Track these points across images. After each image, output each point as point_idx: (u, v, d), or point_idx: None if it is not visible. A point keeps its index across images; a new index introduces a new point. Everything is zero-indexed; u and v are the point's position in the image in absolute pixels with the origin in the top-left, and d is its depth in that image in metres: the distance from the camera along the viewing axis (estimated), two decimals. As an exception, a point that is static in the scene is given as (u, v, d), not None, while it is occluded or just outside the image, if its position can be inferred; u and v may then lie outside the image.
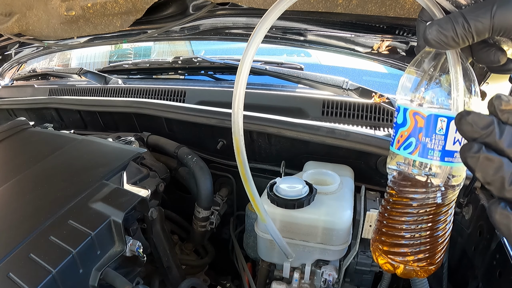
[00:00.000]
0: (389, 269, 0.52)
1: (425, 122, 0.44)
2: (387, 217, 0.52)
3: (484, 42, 0.42)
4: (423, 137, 0.44)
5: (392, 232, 0.50)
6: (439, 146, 0.44)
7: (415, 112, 0.45)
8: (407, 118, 0.46)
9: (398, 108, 0.48)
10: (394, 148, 0.48)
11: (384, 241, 0.51)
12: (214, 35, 1.19)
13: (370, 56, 1.08)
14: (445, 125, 0.43)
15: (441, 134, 0.43)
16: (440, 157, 0.44)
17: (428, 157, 0.45)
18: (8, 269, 0.54)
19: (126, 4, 0.96)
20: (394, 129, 0.49)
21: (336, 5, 0.77)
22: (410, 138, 0.46)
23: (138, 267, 0.74)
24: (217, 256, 1.25)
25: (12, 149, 0.96)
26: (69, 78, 1.87)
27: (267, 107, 1.18)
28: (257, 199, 0.62)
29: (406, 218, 0.49)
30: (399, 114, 0.48)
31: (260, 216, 0.64)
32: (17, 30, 1.18)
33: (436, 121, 0.43)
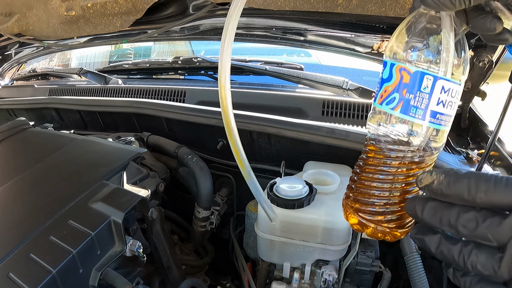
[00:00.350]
0: (358, 229, 0.51)
1: (411, 78, 0.43)
2: (361, 173, 0.51)
3: (481, 9, 0.42)
4: (407, 94, 0.44)
5: (364, 190, 0.49)
6: (422, 104, 0.43)
7: (401, 67, 0.44)
8: (393, 73, 0.45)
9: (385, 63, 0.47)
10: (377, 103, 0.48)
11: (356, 198, 0.50)
12: (214, 35, 1.19)
13: (370, 56, 1.08)
14: (431, 83, 0.43)
15: (426, 92, 0.43)
16: (422, 116, 0.43)
17: (409, 114, 0.44)
18: (8, 269, 0.54)
19: (126, 4, 0.96)
20: (379, 84, 0.48)
21: (336, 5, 0.77)
22: (394, 93, 0.45)
23: (138, 267, 0.74)
24: (217, 256, 1.25)
25: (12, 149, 0.96)
26: (69, 78, 1.87)
27: (267, 107, 1.18)
28: (241, 154, 0.63)
29: (379, 176, 0.48)
30: (385, 69, 0.47)
31: (243, 172, 0.64)
32: (17, 30, 1.18)
33: (422, 78, 0.43)
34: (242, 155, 0.62)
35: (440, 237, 0.37)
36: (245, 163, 0.63)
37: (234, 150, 0.61)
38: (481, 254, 0.34)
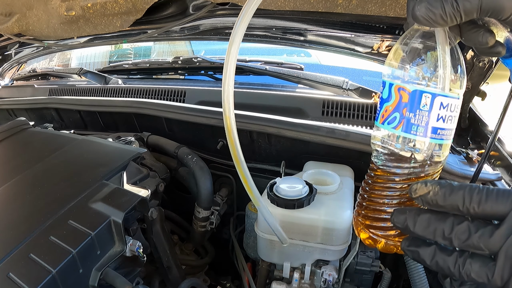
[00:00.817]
0: (371, 244, 0.52)
1: (410, 97, 0.45)
2: (370, 191, 0.52)
3: (473, 23, 0.42)
4: (407, 112, 0.45)
5: (374, 207, 0.50)
6: (422, 122, 0.44)
7: (400, 87, 0.45)
8: (392, 93, 0.46)
9: (384, 83, 0.48)
10: (379, 123, 0.49)
11: (366, 215, 0.51)
12: (214, 35, 1.19)
13: (370, 56, 1.08)
14: (429, 101, 0.44)
15: (425, 110, 0.44)
16: (423, 133, 0.45)
17: (411, 133, 0.45)
18: (8, 269, 0.54)
19: (126, 4, 0.96)
20: (379, 104, 0.49)
21: (336, 5, 0.77)
22: (395, 113, 0.46)
23: (138, 267, 0.74)
24: (217, 256, 1.25)
25: (12, 149, 0.96)
26: (69, 78, 1.87)
27: (267, 107, 1.18)
28: (249, 181, 0.63)
29: (388, 193, 0.50)
30: (384, 89, 0.48)
31: (251, 196, 0.64)
32: (17, 30, 1.18)
33: (420, 97, 0.44)
34: (252, 185, 0.63)
35: (435, 248, 0.38)
36: (255, 192, 0.64)
37: (244, 182, 0.61)
38: (475, 263, 0.35)
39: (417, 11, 0.39)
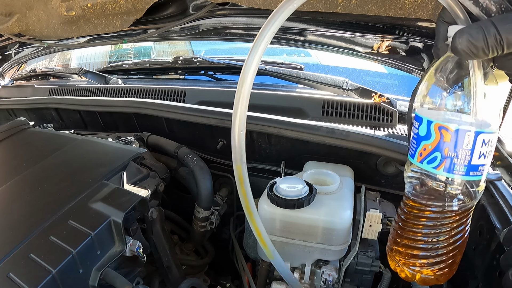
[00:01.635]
0: (407, 277, 0.52)
1: (452, 137, 0.43)
2: (403, 226, 0.51)
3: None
4: (449, 152, 0.43)
5: (409, 243, 0.50)
6: (465, 161, 0.43)
7: (441, 126, 0.43)
8: (431, 132, 0.44)
9: (419, 118, 0.46)
10: (416, 161, 0.47)
11: (401, 251, 0.51)
12: (214, 35, 1.19)
13: (370, 56, 1.08)
14: (472, 139, 0.42)
15: (468, 149, 0.42)
16: (465, 172, 0.43)
17: (454, 172, 0.44)
18: (8, 269, 0.54)
19: (126, 4, 0.96)
20: (415, 140, 0.47)
21: (336, 5, 0.77)
22: (435, 152, 0.44)
23: (138, 267, 0.74)
24: (217, 256, 1.25)
25: (12, 149, 0.96)
26: (69, 78, 1.87)
27: (267, 107, 1.18)
28: (263, 234, 0.58)
29: (423, 230, 0.48)
30: (421, 126, 0.46)
31: (267, 252, 0.61)
32: (17, 30, 1.18)
33: (463, 136, 0.42)
34: (268, 241, 0.59)
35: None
36: (270, 246, 0.61)
37: (257, 234, 0.58)
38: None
39: (458, 44, 0.38)
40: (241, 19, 1.04)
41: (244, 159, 0.48)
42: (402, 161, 0.90)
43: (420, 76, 1.01)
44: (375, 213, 0.80)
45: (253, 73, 0.46)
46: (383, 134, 1.00)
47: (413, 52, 1.01)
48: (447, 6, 0.40)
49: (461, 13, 0.40)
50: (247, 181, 0.51)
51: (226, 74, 1.60)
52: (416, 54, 1.01)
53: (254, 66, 0.46)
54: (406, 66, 1.05)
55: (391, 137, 0.94)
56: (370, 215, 0.80)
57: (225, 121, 1.07)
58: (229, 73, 1.59)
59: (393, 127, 1.10)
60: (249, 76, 0.46)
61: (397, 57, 1.04)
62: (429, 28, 0.83)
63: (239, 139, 0.48)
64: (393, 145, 0.90)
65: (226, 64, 1.47)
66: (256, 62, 0.46)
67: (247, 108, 0.47)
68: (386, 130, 1.08)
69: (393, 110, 1.11)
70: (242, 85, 0.47)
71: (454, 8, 0.40)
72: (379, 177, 1.02)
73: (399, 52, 1.03)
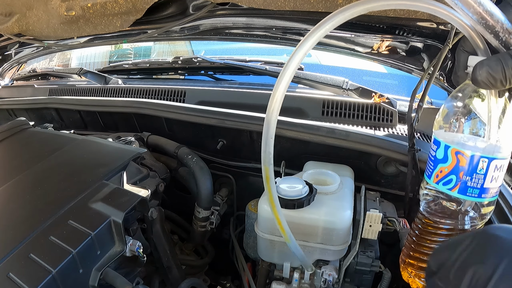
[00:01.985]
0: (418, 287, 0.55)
1: (468, 162, 0.46)
2: (417, 241, 0.54)
3: None
4: (464, 176, 0.47)
5: (421, 256, 0.53)
6: (478, 184, 0.46)
7: (457, 151, 0.47)
8: (448, 155, 0.48)
9: (437, 142, 0.50)
10: (432, 182, 0.51)
11: (414, 264, 0.54)
12: (214, 35, 1.19)
13: (370, 56, 1.08)
14: (485, 165, 0.46)
15: (481, 173, 0.46)
16: (478, 194, 0.47)
17: (467, 194, 0.47)
18: (8, 269, 0.54)
19: (126, 4, 0.96)
20: (432, 162, 0.51)
21: (336, 5, 0.77)
22: (451, 175, 0.48)
23: (138, 267, 0.74)
24: (217, 256, 1.25)
25: (12, 149, 0.96)
26: (69, 78, 1.87)
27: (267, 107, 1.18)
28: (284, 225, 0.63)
29: (435, 245, 0.52)
30: (439, 149, 0.49)
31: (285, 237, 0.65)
32: (17, 30, 1.18)
33: (478, 161, 0.46)
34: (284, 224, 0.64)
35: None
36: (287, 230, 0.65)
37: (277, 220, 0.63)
38: None
39: (478, 75, 0.40)
40: (241, 19, 1.04)
41: (271, 161, 0.54)
42: (402, 161, 0.90)
43: (420, 76, 1.01)
44: (375, 213, 0.80)
45: (287, 83, 0.50)
46: (383, 134, 1.00)
47: (413, 52, 1.01)
48: (468, 37, 0.43)
49: (481, 44, 0.42)
50: (272, 180, 0.57)
51: (226, 74, 1.60)
52: (416, 54, 1.01)
53: (290, 74, 0.49)
54: (406, 66, 1.05)
55: (391, 137, 0.94)
56: (370, 215, 0.80)
57: (225, 121, 1.07)
58: (229, 73, 1.59)
59: (393, 127, 1.10)
60: (283, 86, 0.50)
61: (397, 57, 1.04)
62: (429, 28, 0.83)
63: (269, 144, 0.53)
64: (393, 145, 0.90)
65: (226, 64, 1.47)
66: (293, 69, 0.49)
67: (277, 116, 0.52)
68: (386, 130, 1.08)
69: (393, 110, 1.11)
70: (274, 96, 0.50)
71: (476, 39, 0.42)
72: (379, 177, 1.02)
73: (399, 52, 1.03)
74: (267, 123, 0.51)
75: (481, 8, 0.38)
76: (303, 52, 0.49)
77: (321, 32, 0.48)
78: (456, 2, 0.39)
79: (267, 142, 0.52)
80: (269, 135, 0.52)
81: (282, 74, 0.49)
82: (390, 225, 0.83)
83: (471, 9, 0.39)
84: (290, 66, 0.48)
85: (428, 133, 1.09)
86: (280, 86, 0.49)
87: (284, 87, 0.49)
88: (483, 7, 0.38)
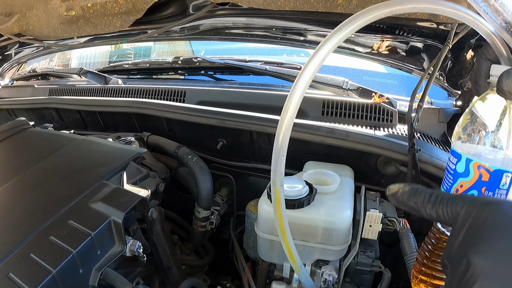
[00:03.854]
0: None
1: (490, 176, 0.44)
2: (429, 256, 0.53)
3: None
4: (486, 191, 0.45)
5: (435, 273, 0.52)
6: None
7: (480, 165, 0.45)
8: (470, 170, 0.46)
9: (458, 155, 0.47)
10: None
11: (427, 281, 0.53)
12: (214, 35, 1.19)
13: (370, 56, 1.08)
14: (509, 180, 0.44)
15: (504, 189, 0.44)
16: None
17: None
18: (8, 269, 0.54)
19: (126, 4, 0.96)
20: (451, 176, 0.49)
21: (336, 5, 0.77)
22: (472, 190, 0.46)
23: (138, 267, 0.74)
24: (217, 256, 1.25)
25: (12, 149, 0.96)
26: (69, 78, 1.87)
27: (267, 107, 1.18)
28: (294, 252, 0.59)
29: None
30: (459, 163, 0.47)
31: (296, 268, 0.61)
32: (17, 30, 1.18)
33: (501, 176, 0.44)
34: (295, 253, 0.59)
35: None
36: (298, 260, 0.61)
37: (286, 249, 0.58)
38: None
39: (505, 85, 0.39)
40: (241, 19, 1.04)
41: (282, 183, 0.49)
42: (402, 161, 0.91)
43: (420, 76, 1.01)
44: (375, 213, 0.80)
45: (300, 96, 0.47)
46: (383, 134, 1.00)
47: (413, 52, 1.01)
48: (492, 44, 0.41)
49: (505, 51, 0.41)
50: (283, 204, 0.52)
51: (226, 74, 1.60)
52: (416, 54, 1.01)
53: (303, 86, 0.46)
54: (406, 66, 1.06)
55: (391, 137, 0.94)
56: (370, 215, 0.80)
57: (225, 121, 1.07)
58: (229, 73, 1.59)
59: (393, 127, 1.10)
60: (294, 104, 0.46)
61: (397, 57, 1.04)
62: (429, 28, 0.83)
63: (280, 163, 0.48)
64: (393, 145, 0.90)
65: (226, 64, 1.47)
66: (308, 80, 0.46)
67: (289, 134, 0.48)
68: (386, 130, 1.08)
69: (393, 110, 1.11)
70: (286, 113, 0.47)
71: (500, 46, 0.41)
72: (379, 177, 1.02)
73: (399, 52, 1.03)
74: (277, 140, 0.47)
75: (511, 17, 0.37)
76: (318, 62, 0.45)
77: (340, 37, 0.44)
78: (485, 9, 0.37)
79: (277, 161, 0.48)
80: (281, 153, 0.47)
81: (295, 86, 0.45)
82: (390, 225, 0.82)
83: (500, 16, 0.38)
84: (303, 77, 0.45)
85: (428, 133, 1.09)
86: (292, 101, 0.45)
87: (297, 100, 0.46)
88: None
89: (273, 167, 0.48)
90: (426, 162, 0.86)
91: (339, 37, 0.43)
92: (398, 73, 1.12)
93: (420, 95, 0.87)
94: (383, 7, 0.40)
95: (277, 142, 0.47)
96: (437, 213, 0.38)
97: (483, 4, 0.37)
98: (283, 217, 0.53)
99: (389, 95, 1.17)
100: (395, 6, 0.40)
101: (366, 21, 0.42)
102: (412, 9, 0.40)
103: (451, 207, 0.37)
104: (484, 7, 0.37)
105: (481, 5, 0.37)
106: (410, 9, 0.40)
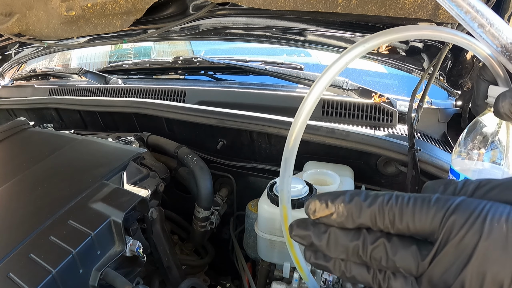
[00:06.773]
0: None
1: None
2: None
3: None
4: None
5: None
6: None
7: None
8: None
9: (456, 174, 0.48)
10: None
11: None
12: (214, 35, 1.19)
13: (370, 56, 1.08)
14: None
15: None
16: None
17: None
18: (8, 269, 0.54)
19: (126, 4, 0.96)
20: None
21: (336, 5, 0.77)
22: None
23: (138, 267, 0.74)
24: (217, 256, 1.25)
25: (12, 149, 0.96)
26: (69, 78, 1.87)
27: (267, 107, 1.18)
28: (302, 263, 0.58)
29: None
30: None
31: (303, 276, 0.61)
32: (17, 30, 1.18)
33: None
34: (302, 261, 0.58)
35: (349, 263, 0.32)
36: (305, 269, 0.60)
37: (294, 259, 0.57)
38: (396, 281, 0.29)
39: (501, 108, 0.39)
40: (241, 19, 1.04)
41: (289, 200, 0.49)
42: (402, 161, 0.91)
43: (420, 76, 1.02)
44: (375, 213, 0.80)
45: (309, 110, 0.45)
46: (383, 134, 1.00)
47: (413, 52, 1.01)
48: (489, 66, 0.42)
49: (502, 72, 0.42)
50: (290, 221, 0.50)
51: (226, 74, 1.60)
52: (416, 54, 1.01)
53: (313, 100, 0.44)
54: (406, 66, 1.06)
55: (391, 137, 0.94)
56: (370, 215, 0.80)
57: (225, 121, 1.07)
58: (229, 73, 1.59)
59: (393, 127, 1.10)
60: (298, 127, 0.46)
61: (397, 57, 1.04)
62: (429, 28, 0.83)
63: (287, 183, 0.48)
64: (393, 145, 0.90)
65: (226, 64, 1.47)
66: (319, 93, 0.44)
67: (295, 155, 0.47)
68: (386, 130, 1.08)
69: (393, 110, 1.11)
70: (292, 137, 0.46)
71: (496, 68, 0.42)
72: (379, 177, 1.02)
73: (399, 52, 1.03)
74: (284, 160, 0.46)
75: (506, 41, 0.38)
76: (317, 94, 0.43)
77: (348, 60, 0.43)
78: (481, 34, 0.38)
79: (284, 181, 0.47)
80: (287, 173, 0.47)
81: (302, 107, 0.45)
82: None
83: (496, 41, 0.39)
84: (313, 93, 0.44)
85: (428, 133, 1.09)
86: (297, 125, 0.44)
87: (302, 124, 0.45)
88: (508, 40, 0.38)
89: (280, 186, 0.49)
90: (426, 162, 0.86)
91: (365, 47, 0.42)
92: (398, 73, 1.12)
93: (420, 95, 0.87)
94: (390, 34, 0.39)
95: (284, 164, 0.48)
96: (400, 230, 0.28)
97: (480, 30, 0.38)
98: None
99: (389, 95, 1.17)
100: (399, 34, 0.39)
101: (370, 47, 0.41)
102: (410, 37, 0.40)
103: (423, 218, 0.28)
104: (481, 33, 0.39)
105: (477, 31, 0.38)
106: (409, 36, 0.40)
